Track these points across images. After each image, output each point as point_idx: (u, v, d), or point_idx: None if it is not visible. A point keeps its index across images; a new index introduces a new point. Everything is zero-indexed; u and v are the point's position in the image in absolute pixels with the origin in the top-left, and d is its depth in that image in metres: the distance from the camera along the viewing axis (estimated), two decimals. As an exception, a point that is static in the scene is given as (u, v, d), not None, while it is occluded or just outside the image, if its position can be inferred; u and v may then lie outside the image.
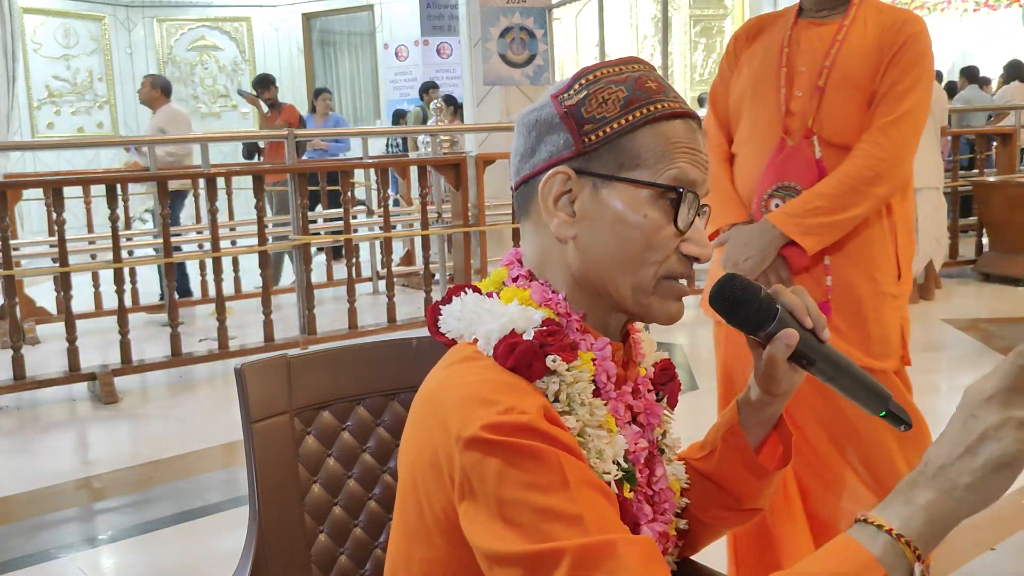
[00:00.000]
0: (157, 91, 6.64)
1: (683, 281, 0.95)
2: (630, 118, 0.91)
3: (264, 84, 8.18)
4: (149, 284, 6.64)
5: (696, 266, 0.95)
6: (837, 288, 1.85)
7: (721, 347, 2.04)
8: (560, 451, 0.80)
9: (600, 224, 0.91)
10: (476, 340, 0.91)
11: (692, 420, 2.01)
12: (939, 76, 6.21)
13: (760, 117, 1.90)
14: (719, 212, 2.05)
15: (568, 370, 0.89)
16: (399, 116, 9.74)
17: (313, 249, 5.39)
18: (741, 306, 0.92)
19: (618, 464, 0.91)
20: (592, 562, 0.75)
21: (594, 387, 0.92)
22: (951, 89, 9.31)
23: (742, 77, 1.96)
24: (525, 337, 0.88)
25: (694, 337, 5.28)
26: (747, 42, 1.99)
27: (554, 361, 0.88)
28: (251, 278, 6.37)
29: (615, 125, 0.91)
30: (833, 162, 1.83)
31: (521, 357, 0.87)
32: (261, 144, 8.10)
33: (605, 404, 0.92)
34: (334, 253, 7.44)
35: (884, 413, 0.92)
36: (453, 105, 8.48)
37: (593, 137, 0.91)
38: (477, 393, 0.83)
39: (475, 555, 0.81)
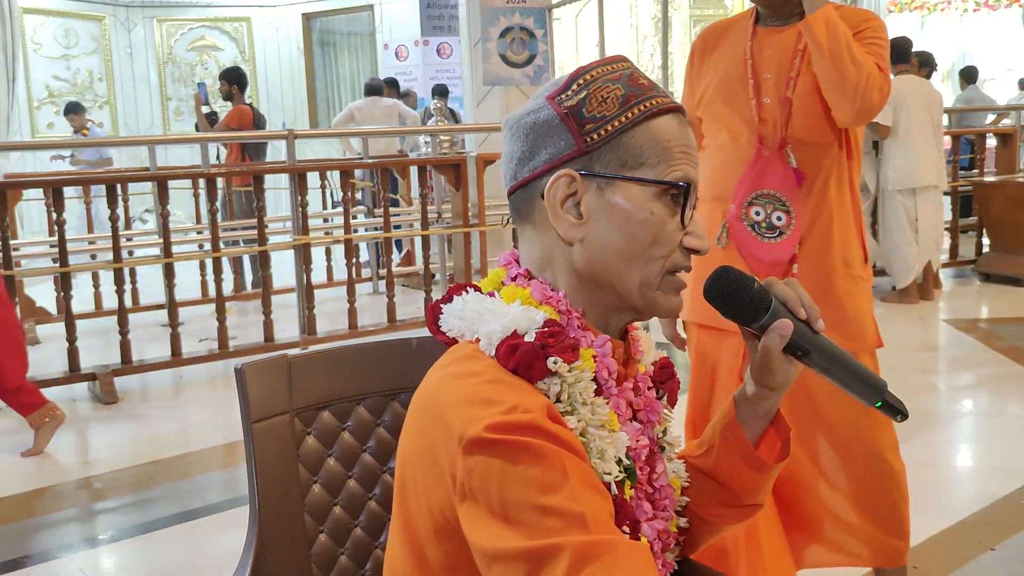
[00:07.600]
0: None
1: (684, 274, 0.96)
2: (630, 115, 0.92)
3: (232, 78, 7.36)
4: (150, 284, 6.64)
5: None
6: (808, 271, 1.88)
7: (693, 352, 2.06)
8: (563, 450, 0.80)
9: (607, 223, 0.92)
10: (477, 339, 0.90)
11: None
12: (933, 67, 6.16)
13: (734, 126, 1.94)
14: None
15: (569, 371, 0.89)
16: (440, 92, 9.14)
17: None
18: (734, 298, 0.92)
19: (620, 460, 0.91)
20: (592, 559, 0.75)
21: (595, 384, 0.92)
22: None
23: (708, 86, 1.98)
24: (527, 339, 0.88)
25: (694, 337, 5.27)
26: (706, 53, 2.01)
27: (555, 363, 0.88)
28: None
29: (616, 123, 0.92)
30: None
31: (522, 359, 0.87)
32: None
33: (607, 401, 0.92)
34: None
35: (880, 403, 0.93)
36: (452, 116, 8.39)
37: (595, 136, 0.92)
38: (479, 393, 0.83)
39: (473, 555, 0.81)
